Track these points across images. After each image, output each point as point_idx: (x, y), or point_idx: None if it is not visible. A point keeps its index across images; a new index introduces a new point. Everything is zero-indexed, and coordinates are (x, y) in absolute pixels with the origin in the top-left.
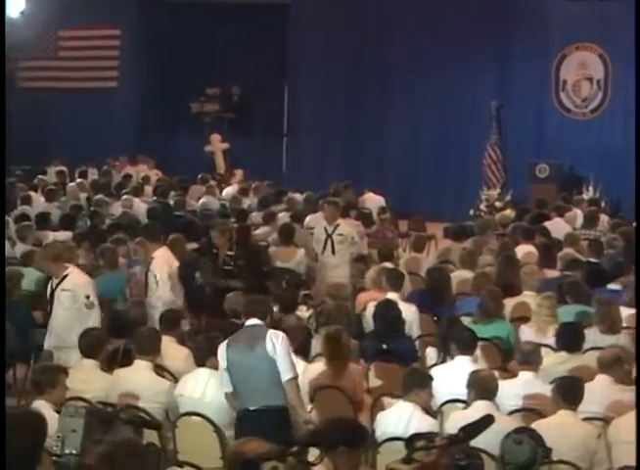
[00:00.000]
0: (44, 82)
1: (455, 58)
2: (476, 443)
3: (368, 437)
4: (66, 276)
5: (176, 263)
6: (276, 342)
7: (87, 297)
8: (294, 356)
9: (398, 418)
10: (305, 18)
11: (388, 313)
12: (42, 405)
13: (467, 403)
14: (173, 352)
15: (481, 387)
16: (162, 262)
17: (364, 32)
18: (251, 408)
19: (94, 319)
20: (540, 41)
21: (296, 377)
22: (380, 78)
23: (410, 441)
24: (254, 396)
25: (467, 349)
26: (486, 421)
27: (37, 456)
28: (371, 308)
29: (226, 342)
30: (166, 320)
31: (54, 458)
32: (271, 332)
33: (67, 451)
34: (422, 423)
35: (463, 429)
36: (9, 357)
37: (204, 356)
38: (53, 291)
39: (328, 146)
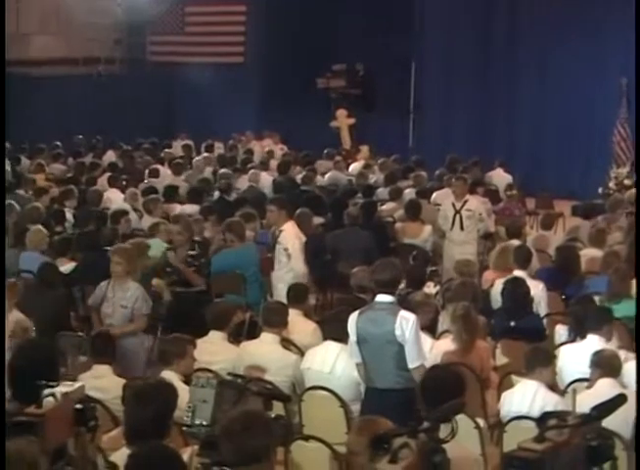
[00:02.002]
0: (171, 57)
1: (585, 34)
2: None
3: None
4: None
5: (303, 238)
6: (406, 327)
7: None
8: (421, 333)
9: (523, 396)
10: None
11: (516, 291)
12: (170, 376)
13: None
14: (301, 325)
15: (606, 365)
16: (293, 235)
17: (491, 8)
18: (378, 387)
19: None
20: None
21: (423, 364)
22: (507, 54)
23: (542, 419)
24: (381, 376)
25: (599, 328)
26: (619, 401)
27: (167, 426)
28: (498, 286)
29: (357, 314)
30: (295, 293)
31: (184, 428)
32: (402, 315)
33: (197, 422)
34: (546, 401)
35: (595, 408)
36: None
37: (332, 331)
38: None
39: (454, 122)
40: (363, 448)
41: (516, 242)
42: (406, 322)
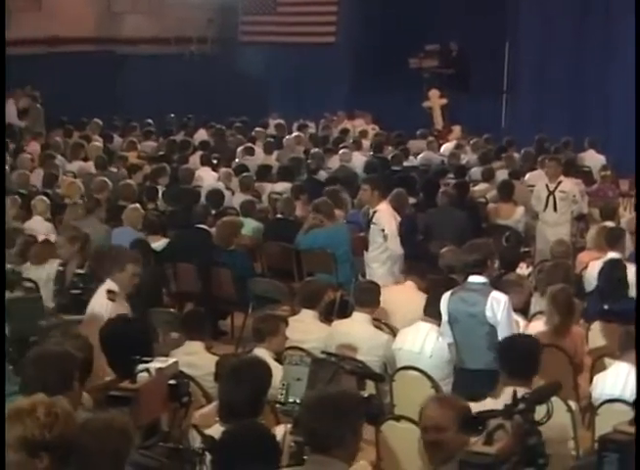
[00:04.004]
0: (263, 37)
1: None
2: None
3: None
4: None
5: (398, 218)
6: (497, 308)
7: None
8: (513, 314)
9: (615, 379)
10: None
11: (614, 273)
12: (262, 353)
13: None
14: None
15: None
16: (389, 215)
17: None
18: (469, 368)
19: None
20: None
21: None
22: (602, 33)
23: (638, 402)
24: (472, 356)
25: None
26: None
27: (261, 404)
28: (593, 268)
29: (449, 295)
30: (415, 267)
31: (277, 406)
32: (493, 296)
33: (290, 400)
34: None
35: None
36: (228, 305)
37: (425, 311)
38: None
39: (548, 103)
40: (451, 423)
41: (610, 224)
42: (497, 303)
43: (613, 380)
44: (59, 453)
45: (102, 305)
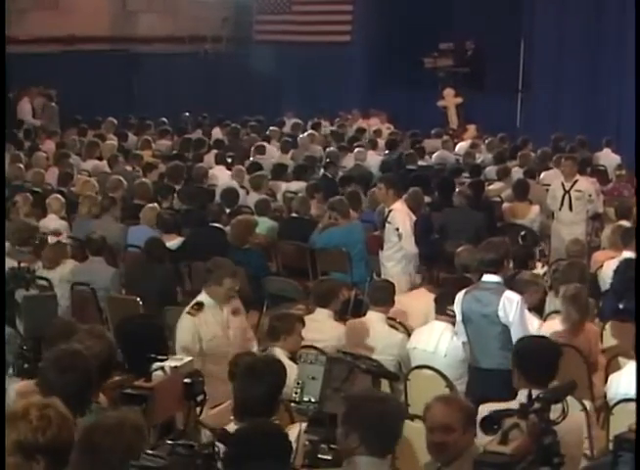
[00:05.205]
0: (278, 36)
1: None
2: None
3: None
4: None
5: (414, 217)
6: (509, 309)
7: None
8: (528, 313)
9: (630, 378)
10: None
11: (629, 272)
12: (277, 352)
13: None
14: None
15: None
16: (404, 215)
17: None
18: (482, 367)
19: None
20: None
21: None
22: (618, 33)
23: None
24: (485, 356)
25: None
26: None
27: (277, 402)
28: (608, 267)
29: (462, 294)
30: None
31: (292, 405)
32: (506, 296)
33: (305, 399)
34: None
35: None
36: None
37: (439, 310)
38: None
39: (563, 102)
40: (458, 424)
41: (625, 223)
42: (510, 303)
43: (627, 379)
44: (54, 456)
45: (182, 317)
